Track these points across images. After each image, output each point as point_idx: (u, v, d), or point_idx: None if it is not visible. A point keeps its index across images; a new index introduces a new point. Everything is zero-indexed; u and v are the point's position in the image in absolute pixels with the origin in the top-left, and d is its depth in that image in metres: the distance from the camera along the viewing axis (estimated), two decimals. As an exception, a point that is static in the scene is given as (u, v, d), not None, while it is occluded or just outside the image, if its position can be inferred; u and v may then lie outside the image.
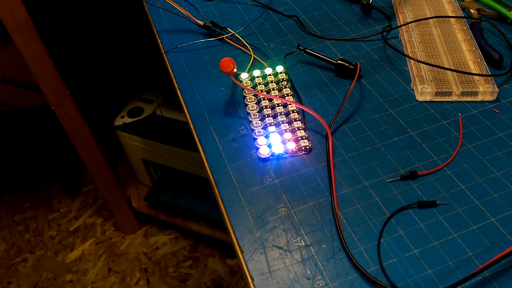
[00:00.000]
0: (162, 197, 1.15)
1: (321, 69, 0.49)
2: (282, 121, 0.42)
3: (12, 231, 1.29)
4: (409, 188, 0.36)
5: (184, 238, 1.24)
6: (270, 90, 0.45)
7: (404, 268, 0.31)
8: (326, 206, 0.35)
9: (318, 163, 0.39)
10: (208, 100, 0.46)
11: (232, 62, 0.43)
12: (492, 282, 0.30)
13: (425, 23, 0.51)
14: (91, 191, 1.38)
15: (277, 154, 0.39)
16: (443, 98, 0.43)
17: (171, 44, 0.53)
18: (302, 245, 0.33)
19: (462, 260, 0.31)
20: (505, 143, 0.39)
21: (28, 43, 0.79)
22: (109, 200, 1.14)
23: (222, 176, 0.38)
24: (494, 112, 0.42)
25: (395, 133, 0.41)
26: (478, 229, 0.33)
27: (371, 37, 0.52)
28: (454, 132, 0.40)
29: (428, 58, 0.46)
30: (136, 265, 1.19)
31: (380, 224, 0.34)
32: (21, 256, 1.23)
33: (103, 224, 1.29)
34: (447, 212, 0.34)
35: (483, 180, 0.36)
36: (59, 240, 1.26)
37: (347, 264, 0.32)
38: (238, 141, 0.41)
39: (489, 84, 0.43)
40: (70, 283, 1.16)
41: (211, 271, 1.16)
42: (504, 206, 0.34)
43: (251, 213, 0.35)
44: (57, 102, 0.89)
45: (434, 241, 0.33)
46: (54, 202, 1.36)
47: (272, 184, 0.37)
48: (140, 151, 1.09)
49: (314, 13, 0.56)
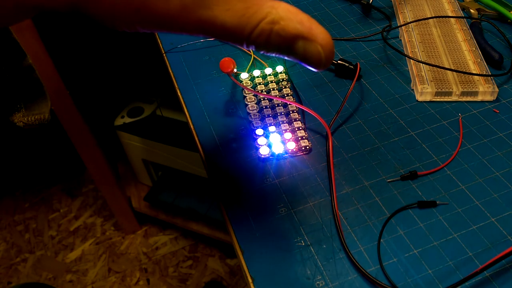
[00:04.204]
0: (162, 197, 1.15)
1: (321, 69, 0.48)
2: (282, 121, 0.42)
3: (12, 231, 1.29)
4: (409, 188, 0.36)
5: (184, 238, 1.24)
6: (270, 90, 0.45)
7: (404, 268, 0.31)
8: (326, 206, 0.35)
9: (318, 163, 0.39)
10: (208, 100, 0.46)
11: (232, 62, 0.43)
12: (492, 282, 0.30)
13: (425, 23, 0.51)
14: (91, 191, 1.38)
15: (277, 154, 0.39)
16: (443, 98, 0.43)
17: (171, 44, 0.53)
18: (302, 245, 0.33)
19: (462, 260, 0.31)
20: (505, 143, 0.39)
21: (28, 43, 0.79)
22: (109, 200, 1.14)
23: (222, 176, 0.38)
24: (494, 112, 0.42)
25: (395, 133, 0.41)
26: (478, 229, 0.33)
27: (371, 37, 0.52)
28: (454, 132, 0.40)
29: (428, 58, 0.46)
30: (136, 265, 1.19)
31: (380, 224, 0.34)
32: (21, 256, 1.23)
33: (103, 224, 1.29)
34: (447, 212, 0.34)
35: (483, 180, 0.36)
36: (59, 240, 1.26)
37: (347, 264, 0.32)
38: (238, 141, 0.41)
39: (489, 84, 0.43)
40: (70, 283, 1.16)
41: (211, 271, 1.16)
42: (504, 206, 0.34)
43: (251, 213, 0.35)
44: (57, 102, 0.89)
45: (434, 241, 0.33)
46: (54, 202, 1.36)
47: (272, 184, 0.37)
48: (140, 151, 1.09)
49: (314, 13, 0.56)
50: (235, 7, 0.21)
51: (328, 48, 0.22)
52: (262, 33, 0.21)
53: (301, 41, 0.21)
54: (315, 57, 0.22)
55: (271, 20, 0.21)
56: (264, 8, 0.21)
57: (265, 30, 0.21)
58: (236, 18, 0.21)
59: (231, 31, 0.21)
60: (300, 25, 0.21)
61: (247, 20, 0.21)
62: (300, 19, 0.21)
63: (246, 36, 0.21)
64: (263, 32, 0.21)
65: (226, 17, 0.21)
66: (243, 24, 0.21)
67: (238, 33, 0.21)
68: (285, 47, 0.22)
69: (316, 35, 0.21)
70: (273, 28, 0.21)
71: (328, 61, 0.22)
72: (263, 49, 0.22)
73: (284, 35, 0.21)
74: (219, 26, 0.21)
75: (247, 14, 0.21)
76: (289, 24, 0.21)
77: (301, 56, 0.22)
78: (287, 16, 0.21)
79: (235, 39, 0.21)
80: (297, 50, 0.22)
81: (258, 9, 0.21)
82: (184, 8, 0.20)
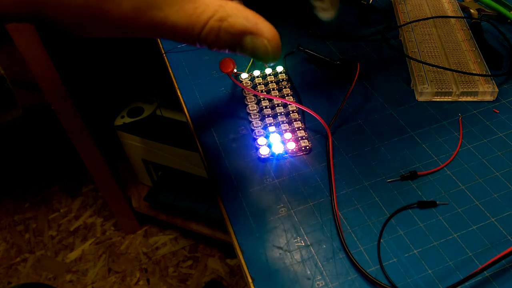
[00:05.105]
0: (162, 197, 1.15)
1: (321, 69, 0.49)
2: (282, 121, 0.42)
3: (12, 231, 1.29)
4: (409, 188, 0.36)
5: (184, 238, 1.24)
6: (270, 90, 0.45)
7: (404, 268, 0.31)
8: (326, 206, 0.35)
9: (318, 163, 0.39)
10: (208, 100, 0.46)
11: (232, 62, 0.43)
12: (492, 282, 0.30)
13: (425, 23, 0.51)
14: (91, 191, 1.38)
15: (277, 154, 0.39)
16: (443, 98, 0.43)
17: (171, 44, 0.53)
18: (302, 245, 0.33)
19: (462, 260, 0.31)
20: (505, 143, 0.39)
21: (28, 43, 0.79)
22: (109, 200, 1.14)
23: (222, 176, 0.38)
24: (494, 112, 0.42)
25: (395, 133, 0.41)
26: (478, 229, 0.33)
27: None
28: (454, 132, 0.40)
29: (428, 58, 0.46)
30: (136, 265, 1.19)
31: (380, 224, 0.34)
32: (21, 256, 1.23)
33: (103, 224, 1.29)
34: (447, 212, 0.34)
35: (483, 180, 0.36)
36: (59, 240, 1.26)
37: (347, 264, 0.32)
38: (238, 141, 0.41)
39: (489, 84, 0.43)
40: (70, 283, 1.16)
41: (211, 271, 1.16)
42: (504, 206, 0.34)
43: (251, 213, 0.35)
44: (57, 102, 0.89)
45: (434, 241, 0.33)
46: (54, 202, 1.36)
47: (272, 184, 0.37)
48: (140, 151, 1.09)
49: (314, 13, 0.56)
50: (184, 7, 0.21)
51: (274, 42, 0.23)
52: (212, 31, 0.22)
53: (249, 37, 0.22)
54: (262, 51, 0.23)
55: (219, 18, 0.22)
56: (212, 7, 0.22)
57: (214, 27, 0.22)
58: (186, 18, 0.22)
59: (182, 30, 0.22)
60: (246, 21, 0.22)
61: (196, 19, 0.22)
62: (246, 15, 0.22)
63: (196, 35, 0.22)
64: (212, 29, 0.22)
65: (177, 18, 0.21)
66: (193, 23, 0.22)
67: (189, 32, 0.22)
68: (234, 43, 0.23)
69: (262, 30, 0.23)
70: (221, 25, 0.22)
71: (275, 54, 0.24)
72: (215, 47, 0.23)
73: (232, 31, 0.22)
74: (170, 27, 0.22)
75: (196, 13, 0.22)
76: (236, 20, 0.22)
77: (250, 51, 0.23)
78: (233, 13, 0.22)
79: (186, 38, 0.22)
80: (246, 45, 0.23)
81: (206, 8, 0.22)
82: (136, 10, 0.21)
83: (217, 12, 0.22)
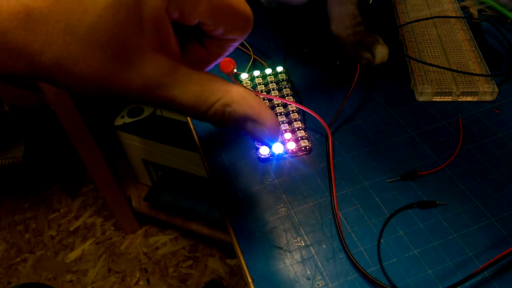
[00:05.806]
0: (162, 197, 1.15)
1: (321, 69, 0.49)
2: (282, 121, 0.42)
3: (12, 231, 1.30)
4: (409, 188, 0.36)
5: (184, 238, 1.24)
6: (270, 90, 0.45)
7: (404, 268, 0.31)
8: (326, 206, 0.35)
9: (318, 163, 0.39)
10: (208, 100, 0.46)
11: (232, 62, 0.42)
12: (492, 282, 0.30)
13: (425, 23, 0.51)
14: (91, 191, 1.38)
15: (277, 154, 0.39)
16: (443, 98, 0.43)
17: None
18: (302, 245, 0.33)
19: (462, 260, 0.31)
20: (505, 143, 0.39)
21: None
22: (109, 200, 1.14)
23: (222, 176, 0.38)
24: (494, 112, 0.42)
25: (395, 133, 0.41)
26: (478, 229, 0.33)
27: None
28: (454, 132, 0.40)
29: (428, 58, 0.46)
30: (136, 265, 1.19)
31: (380, 224, 0.34)
32: (21, 256, 1.23)
33: (103, 224, 1.29)
34: (447, 212, 0.34)
35: (483, 180, 0.36)
36: (59, 240, 1.26)
37: (347, 264, 0.32)
38: (238, 141, 0.41)
39: (489, 84, 0.43)
40: (70, 283, 1.17)
41: (211, 271, 1.16)
42: (504, 206, 0.34)
43: (251, 213, 0.35)
44: (57, 102, 0.89)
45: (434, 241, 0.33)
46: (54, 202, 1.36)
47: (272, 184, 0.37)
48: (140, 151, 1.09)
49: (314, 13, 0.56)
50: (191, 88, 0.23)
51: (273, 130, 0.25)
52: (216, 113, 0.24)
53: (250, 123, 0.24)
54: (261, 137, 0.25)
55: (224, 103, 0.24)
56: (218, 92, 0.23)
57: (219, 111, 0.24)
58: (193, 99, 0.23)
59: (189, 109, 0.23)
60: (250, 109, 0.24)
61: (203, 101, 0.23)
62: (251, 104, 0.24)
63: (201, 114, 0.24)
64: (217, 112, 0.24)
65: (184, 98, 0.23)
66: (199, 104, 0.23)
67: (195, 111, 0.24)
68: (236, 125, 0.25)
69: (263, 119, 0.25)
70: (226, 110, 0.24)
71: (273, 140, 0.26)
72: (218, 125, 0.25)
73: (236, 116, 0.24)
74: (178, 104, 0.23)
75: (203, 97, 0.23)
76: (240, 108, 0.24)
77: (250, 134, 0.25)
78: (238, 100, 0.24)
79: (193, 115, 0.24)
80: (247, 129, 0.25)
81: (212, 93, 0.23)
82: (145, 88, 0.22)
83: (222, 97, 0.23)
